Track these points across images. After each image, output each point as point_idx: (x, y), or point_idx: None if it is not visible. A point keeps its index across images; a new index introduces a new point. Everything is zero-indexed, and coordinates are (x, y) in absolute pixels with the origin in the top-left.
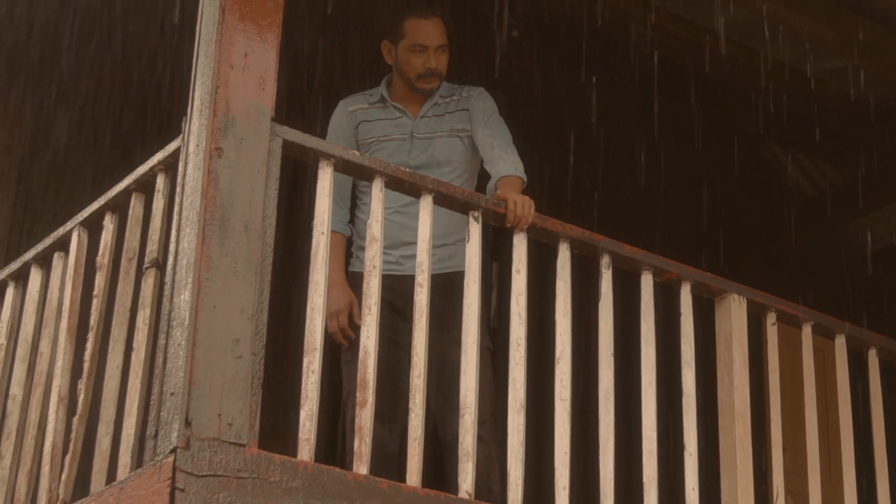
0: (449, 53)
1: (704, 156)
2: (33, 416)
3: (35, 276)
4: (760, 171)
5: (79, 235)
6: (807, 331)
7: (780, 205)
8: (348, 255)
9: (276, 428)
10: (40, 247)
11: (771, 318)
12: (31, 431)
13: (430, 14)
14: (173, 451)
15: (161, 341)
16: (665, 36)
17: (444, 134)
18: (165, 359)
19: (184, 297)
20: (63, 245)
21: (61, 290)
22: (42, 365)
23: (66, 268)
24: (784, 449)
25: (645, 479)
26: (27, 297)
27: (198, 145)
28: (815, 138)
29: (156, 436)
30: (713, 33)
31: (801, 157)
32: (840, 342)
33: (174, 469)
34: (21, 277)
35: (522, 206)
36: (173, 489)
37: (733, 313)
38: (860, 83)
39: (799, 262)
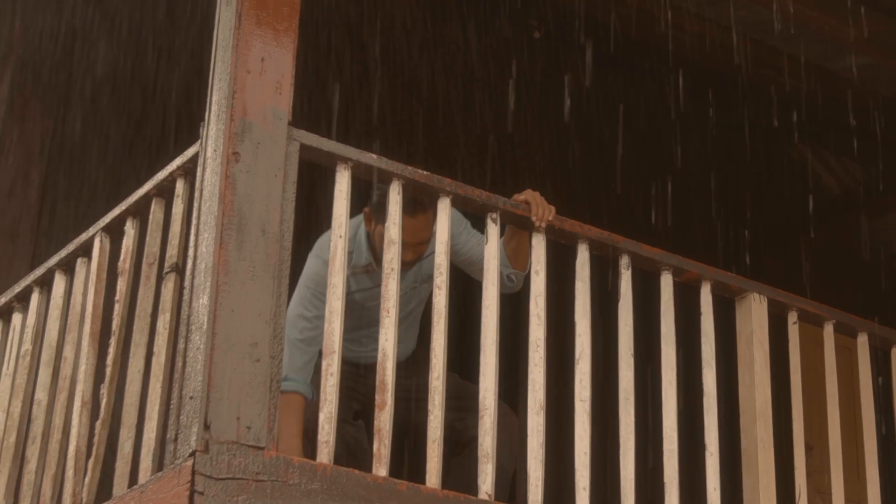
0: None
1: (729, 155)
2: (58, 420)
3: (59, 282)
4: (785, 169)
5: (101, 241)
6: (828, 329)
7: (806, 203)
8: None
9: None
10: (63, 252)
11: (792, 318)
12: (56, 436)
13: (418, 211)
14: (192, 454)
15: (180, 345)
16: (687, 35)
17: (422, 281)
18: (184, 363)
19: (202, 302)
20: (86, 250)
21: (84, 295)
22: (66, 370)
23: (88, 273)
24: (811, 448)
25: (666, 479)
26: (51, 302)
27: (215, 150)
28: (839, 136)
29: (175, 439)
30: (735, 32)
31: (827, 155)
32: (862, 340)
33: (193, 472)
34: (46, 283)
35: (543, 201)
36: (192, 492)
37: (754, 312)
38: (883, 80)
39: (824, 261)
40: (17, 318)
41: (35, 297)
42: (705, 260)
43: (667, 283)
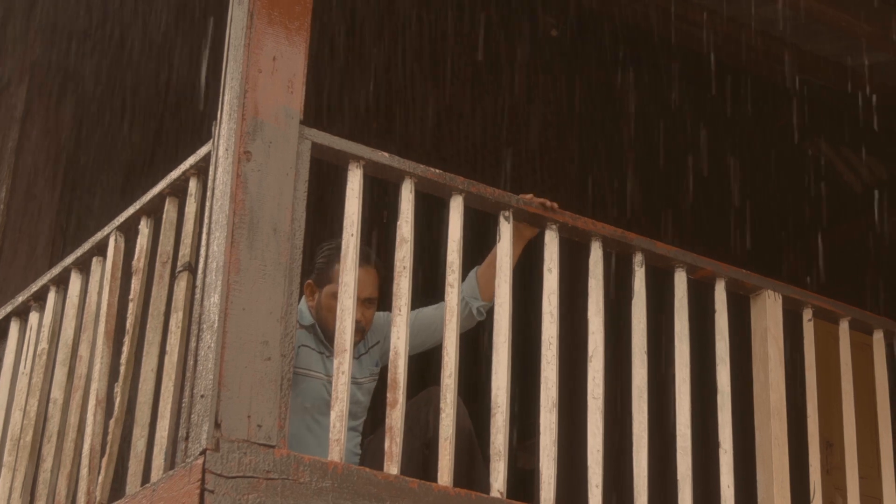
0: (377, 307)
1: (748, 152)
2: (73, 419)
3: (75, 281)
4: (805, 166)
5: (115, 240)
6: (844, 326)
7: (826, 200)
8: None
9: None
10: (79, 252)
11: (807, 315)
12: (71, 434)
13: (365, 262)
14: (203, 452)
15: (192, 344)
16: (705, 32)
17: (365, 380)
18: (196, 361)
19: (213, 300)
20: (101, 250)
21: (99, 294)
22: (81, 368)
23: (103, 272)
24: (831, 445)
25: (679, 477)
26: (67, 301)
27: (227, 149)
28: (859, 133)
29: (187, 438)
30: (752, 29)
31: (847, 152)
32: (878, 337)
33: (204, 471)
34: (62, 282)
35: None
36: (203, 491)
37: (768, 309)
38: None
39: (845, 258)
40: (34, 318)
41: (51, 297)
42: (724, 257)
43: (681, 280)
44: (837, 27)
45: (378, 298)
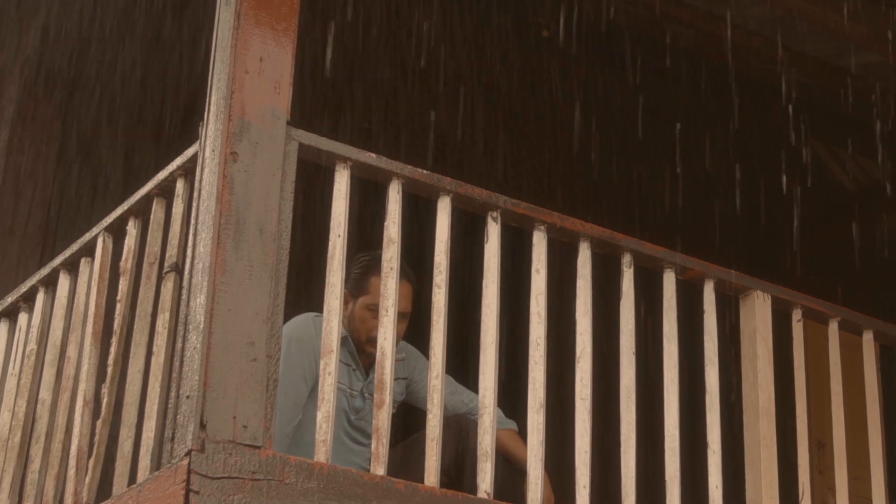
0: (409, 322)
1: (742, 153)
2: (60, 420)
3: (63, 282)
4: (799, 167)
5: (104, 241)
6: (833, 327)
7: (821, 201)
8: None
9: None
10: (68, 252)
11: (796, 315)
12: (59, 435)
13: (401, 277)
14: (188, 453)
15: (178, 345)
16: (697, 33)
17: (397, 397)
18: (182, 362)
19: (199, 301)
20: (90, 250)
21: (87, 295)
22: (69, 369)
23: (91, 273)
24: (823, 445)
25: (667, 477)
26: (56, 302)
27: (213, 150)
28: (852, 134)
29: (172, 439)
30: (746, 29)
31: (841, 153)
32: (867, 338)
33: (189, 471)
34: (51, 283)
35: None
36: (188, 491)
37: (757, 310)
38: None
39: (838, 258)
40: (23, 318)
41: (40, 297)
42: (717, 258)
43: (669, 281)
44: (829, 28)
45: (411, 313)
